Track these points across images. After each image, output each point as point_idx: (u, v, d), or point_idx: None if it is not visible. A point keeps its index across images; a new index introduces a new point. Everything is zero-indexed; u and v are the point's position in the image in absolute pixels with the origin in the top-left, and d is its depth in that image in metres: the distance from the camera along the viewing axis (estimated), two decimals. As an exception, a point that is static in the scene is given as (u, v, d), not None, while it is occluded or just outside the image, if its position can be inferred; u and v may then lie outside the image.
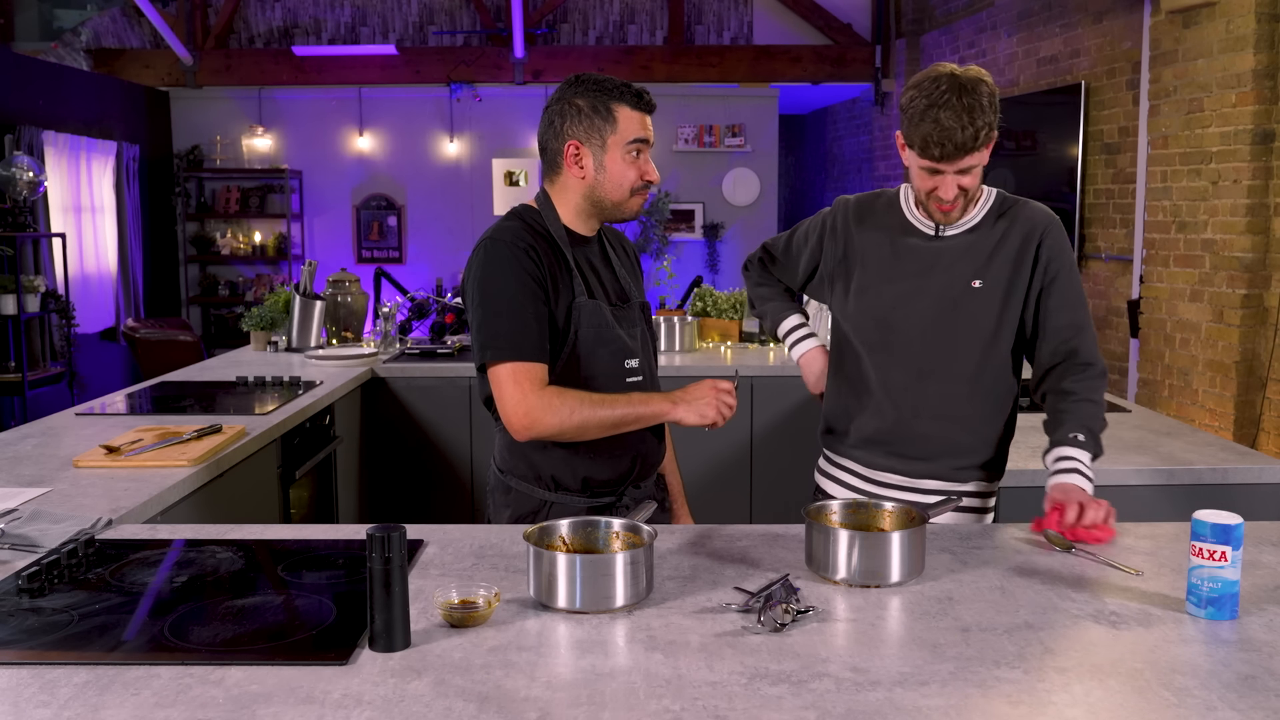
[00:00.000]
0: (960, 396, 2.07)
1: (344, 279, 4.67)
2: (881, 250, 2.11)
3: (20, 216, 6.58)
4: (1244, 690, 1.25)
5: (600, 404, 1.88)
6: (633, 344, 2.02)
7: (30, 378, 6.52)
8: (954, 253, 2.05)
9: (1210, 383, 4.78)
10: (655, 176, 1.99)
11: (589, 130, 1.94)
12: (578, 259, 1.99)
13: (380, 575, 1.34)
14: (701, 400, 1.91)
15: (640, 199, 2.00)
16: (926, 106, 1.89)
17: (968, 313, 2.04)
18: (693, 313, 4.79)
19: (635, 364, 2.01)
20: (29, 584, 1.56)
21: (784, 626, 1.41)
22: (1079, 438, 1.93)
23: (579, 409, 1.86)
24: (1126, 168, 5.66)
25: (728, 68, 8.89)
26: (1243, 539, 1.47)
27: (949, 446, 2.09)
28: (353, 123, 9.31)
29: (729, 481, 4.20)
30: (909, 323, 2.07)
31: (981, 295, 2.03)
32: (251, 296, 9.12)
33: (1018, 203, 2.08)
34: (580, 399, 1.88)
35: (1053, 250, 2.02)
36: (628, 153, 1.95)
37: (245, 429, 2.74)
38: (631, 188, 1.97)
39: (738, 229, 9.52)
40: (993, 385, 2.08)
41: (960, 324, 2.04)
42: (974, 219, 2.06)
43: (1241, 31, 4.50)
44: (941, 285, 2.05)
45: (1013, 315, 2.04)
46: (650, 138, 1.98)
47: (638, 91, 1.97)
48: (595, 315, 1.95)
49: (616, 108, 1.94)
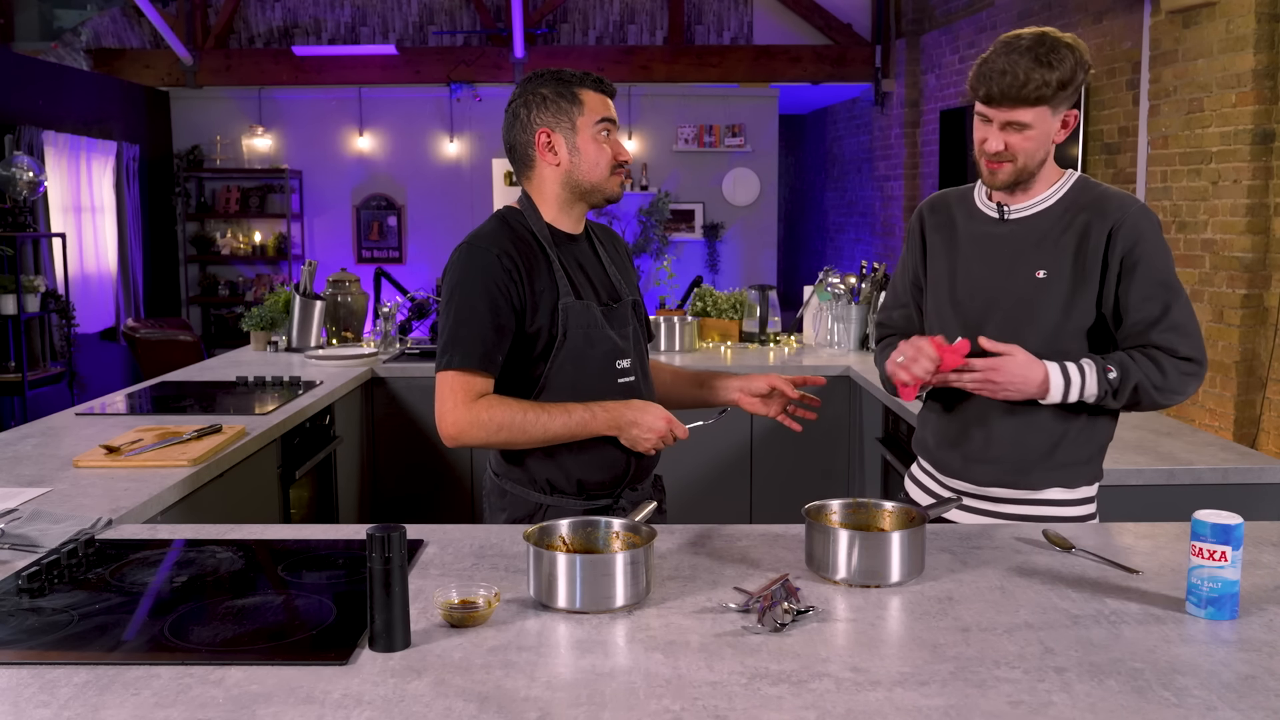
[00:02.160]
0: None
1: (344, 279, 4.67)
2: (950, 242, 2.03)
3: (20, 216, 6.59)
4: (1244, 690, 1.25)
5: (535, 419, 1.87)
6: (624, 344, 2.01)
7: (30, 378, 6.52)
8: (1021, 239, 1.94)
9: (1210, 383, 4.78)
10: (627, 155, 2.01)
11: (557, 115, 1.95)
12: (564, 258, 1.98)
13: (380, 575, 1.34)
14: (647, 434, 1.91)
15: (619, 179, 2.01)
16: (995, 50, 1.83)
17: (1032, 305, 1.91)
18: (693, 313, 4.79)
19: (627, 364, 2.00)
20: (29, 584, 1.56)
21: (784, 626, 1.41)
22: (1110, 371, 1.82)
23: (509, 424, 1.87)
24: (1126, 168, 5.66)
25: (728, 68, 8.89)
26: (1243, 539, 1.47)
27: (1019, 448, 1.96)
28: (353, 123, 9.31)
29: (729, 481, 4.20)
30: (978, 315, 1.96)
31: (1047, 287, 1.90)
32: (251, 296, 9.13)
33: (1098, 189, 1.94)
34: (512, 413, 1.87)
35: (1131, 240, 1.86)
36: (598, 133, 1.96)
37: (245, 429, 2.74)
38: (609, 166, 1.98)
39: (738, 229, 9.52)
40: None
41: (1024, 318, 1.92)
42: (1043, 201, 1.94)
43: (1241, 31, 4.50)
44: (1008, 275, 1.94)
45: (1082, 311, 1.90)
46: (615, 118, 2.01)
47: (597, 78, 2.01)
48: (584, 316, 1.94)
49: (580, 91, 1.97)
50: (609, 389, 1.97)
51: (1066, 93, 1.82)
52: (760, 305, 4.71)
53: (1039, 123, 1.84)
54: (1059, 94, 1.81)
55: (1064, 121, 1.87)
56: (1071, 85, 1.82)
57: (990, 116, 1.86)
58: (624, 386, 1.99)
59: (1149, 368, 1.85)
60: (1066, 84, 1.81)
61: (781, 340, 4.70)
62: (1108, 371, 1.85)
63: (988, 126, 1.88)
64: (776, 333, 4.72)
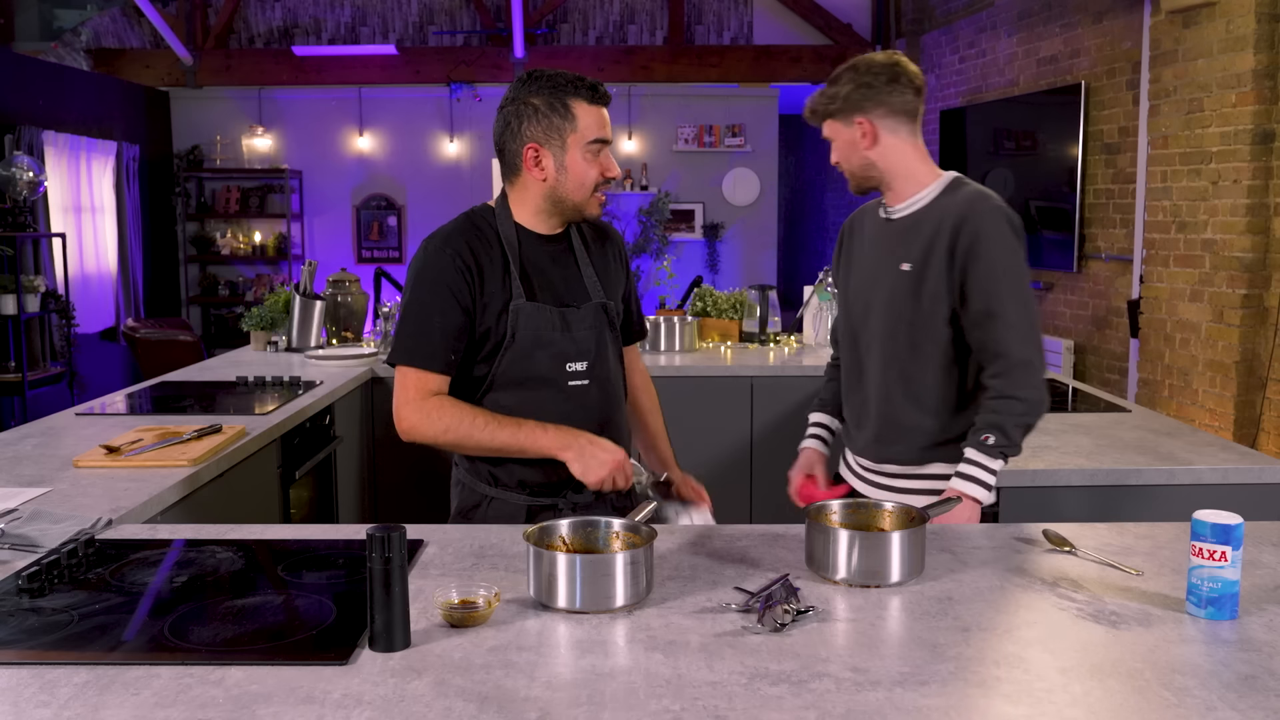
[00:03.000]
0: (895, 381, 2.10)
1: (344, 279, 4.67)
2: (858, 241, 2.23)
3: (20, 216, 6.59)
4: (1244, 690, 1.25)
5: (484, 427, 1.89)
6: (580, 347, 1.99)
7: (30, 378, 6.52)
8: (896, 236, 2.11)
9: (1210, 383, 4.78)
10: (616, 172, 1.97)
11: (548, 131, 1.91)
12: (526, 260, 1.97)
13: (380, 575, 1.34)
14: (597, 464, 1.89)
15: (600, 198, 1.98)
16: None
17: (894, 296, 2.08)
18: (693, 313, 4.79)
19: (581, 367, 1.98)
20: (29, 584, 1.56)
21: (784, 626, 1.41)
22: (988, 440, 1.96)
23: (456, 427, 1.89)
24: (1126, 168, 5.66)
25: (728, 68, 8.89)
26: (1243, 539, 1.47)
27: (898, 429, 2.12)
28: (353, 123, 9.31)
29: (729, 481, 4.20)
30: (859, 307, 2.17)
31: (906, 279, 2.06)
32: (251, 296, 9.13)
33: (964, 189, 2.08)
34: (462, 417, 1.89)
35: (973, 235, 1.99)
36: (589, 151, 1.92)
37: (245, 429, 2.74)
38: (594, 185, 1.95)
39: (738, 229, 9.52)
40: (920, 370, 2.08)
41: (894, 311, 2.08)
42: (918, 201, 2.09)
43: (1241, 31, 4.50)
44: (882, 268, 2.11)
45: (930, 301, 2.03)
46: (609, 136, 1.95)
47: (592, 84, 1.93)
48: (534, 318, 1.94)
49: (574, 104, 1.91)
50: (557, 391, 1.97)
51: (838, 105, 2.06)
52: (760, 305, 4.71)
53: (834, 134, 2.10)
54: (829, 108, 2.08)
55: (861, 131, 2.06)
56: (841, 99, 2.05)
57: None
58: (574, 389, 1.98)
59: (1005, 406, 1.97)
60: (836, 98, 2.06)
61: (781, 340, 4.70)
62: (986, 441, 1.97)
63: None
64: (776, 333, 4.72)
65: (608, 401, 2.04)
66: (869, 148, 2.08)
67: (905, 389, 2.10)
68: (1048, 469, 2.41)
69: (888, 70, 2.05)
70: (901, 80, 2.05)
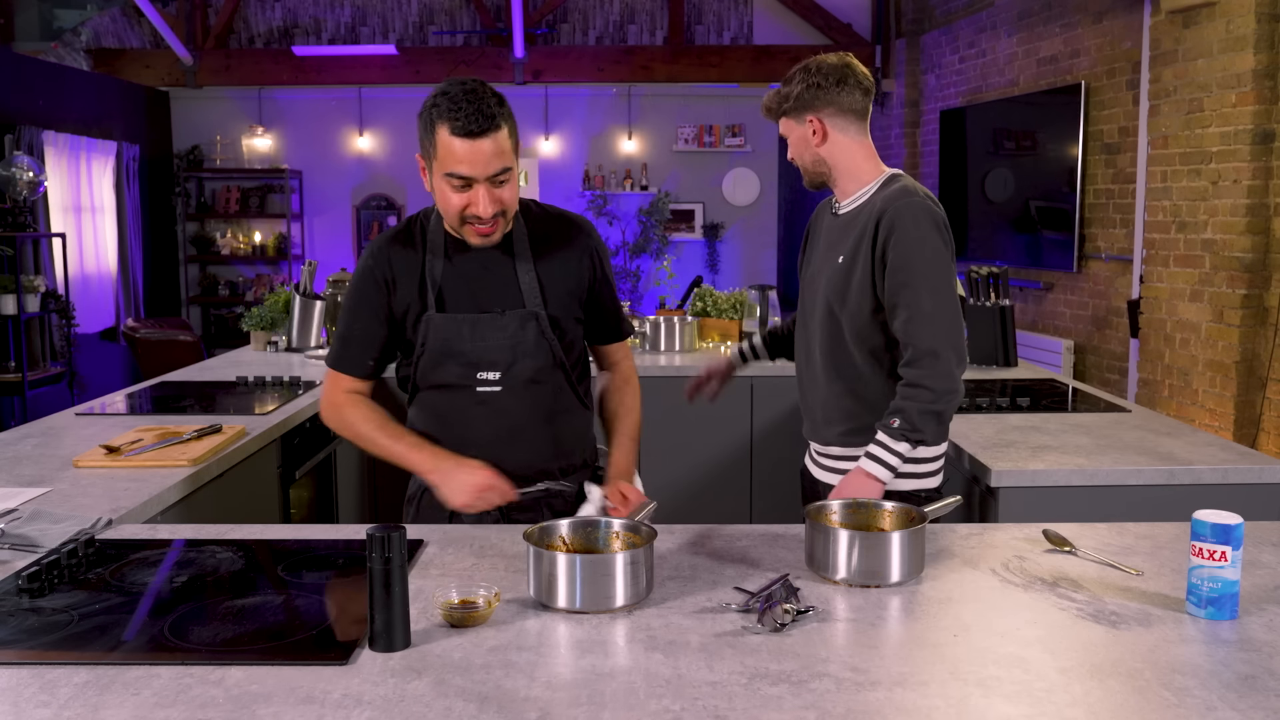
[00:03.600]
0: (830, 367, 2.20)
1: (344, 279, 4.67)
2: (814, 235, 2.34)
3: (20, 216, 6.58)
4: (1244, 690, 1.25)
5: (372, 434, 2.01)
6: (492, 356, 1.95)
7: (30, 378, 6.52)
8: (838, 231, 2.21)
9: (1210, 383, 4.78)
10: (480, 211, 1.81)
11: (423, 147, 1.86)
12: (450, 267, 1.96)
13: (380, 575, 1.34)
14: (459, 487, 1.89)
15: (472, 231, 1.86)
16: None
17: (836, 288, 2.17)
18: (693, 313, 4.79)
19: (494, 375, 1.96)
20: (29, 584, 1.56)
21: (784, 626, 1.41)
22: (893, 423, 2.03)
23: (353, 428, 2.03)
24: (1126, 168, 5.66)
25: (728, 68, 8.89)
26: (1243, 539, 1.47)
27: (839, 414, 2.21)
28: (353, 123, 9.31)
29: (729, 481, 4.20)
30: (805, 297, 2.30)
31: (843, 271, 2.15)
32: (251, 296, 9.13)
33: (896, 184, 2.15)
34: (364, 423, 2.02)
35: (889, 229, 2.07)
36: (447, 182, 1.81)
37: (245, 429, 2.74)
38: (459, 215, 1.84)
39: (738, 229, 9.52)
40: (851, 357, 2.17)
41: (834, 301, 2.17)
42: (860, 197, 2.19)
43: (1241, 31, 4.50)
44: (825, 262, 2.22)
45: (857, 292, 2.12)
46: (470, 174, 1.78)
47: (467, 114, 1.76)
48: (442, 329, 1.95)
49: (439, 129, 1.79)
50: (466, 399, 1.98)
51: (790, 104, 2.16)
52: (760, 305, 4.71)
53: (788, 131, 2.21)
54: (782, 107, 2.18)
55: (812, 129, 2.16)
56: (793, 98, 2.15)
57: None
58: (482, 396, 1.97)
59: (913, 394, 2.04)
60: (789, 97, 2.16)
61: (781, 340, 4.70)
62: (891, 424, 2.03)
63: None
64: (776, 333, 4.72)
65: (526, 409, 1.98)
66: (819, 144, 2.18)
67: (839, 376, 2.20)
68: (1048, 469, 2.41)
69: (837, 71, 2.15)
70: (850, 81, 2.15)
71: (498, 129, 1.80)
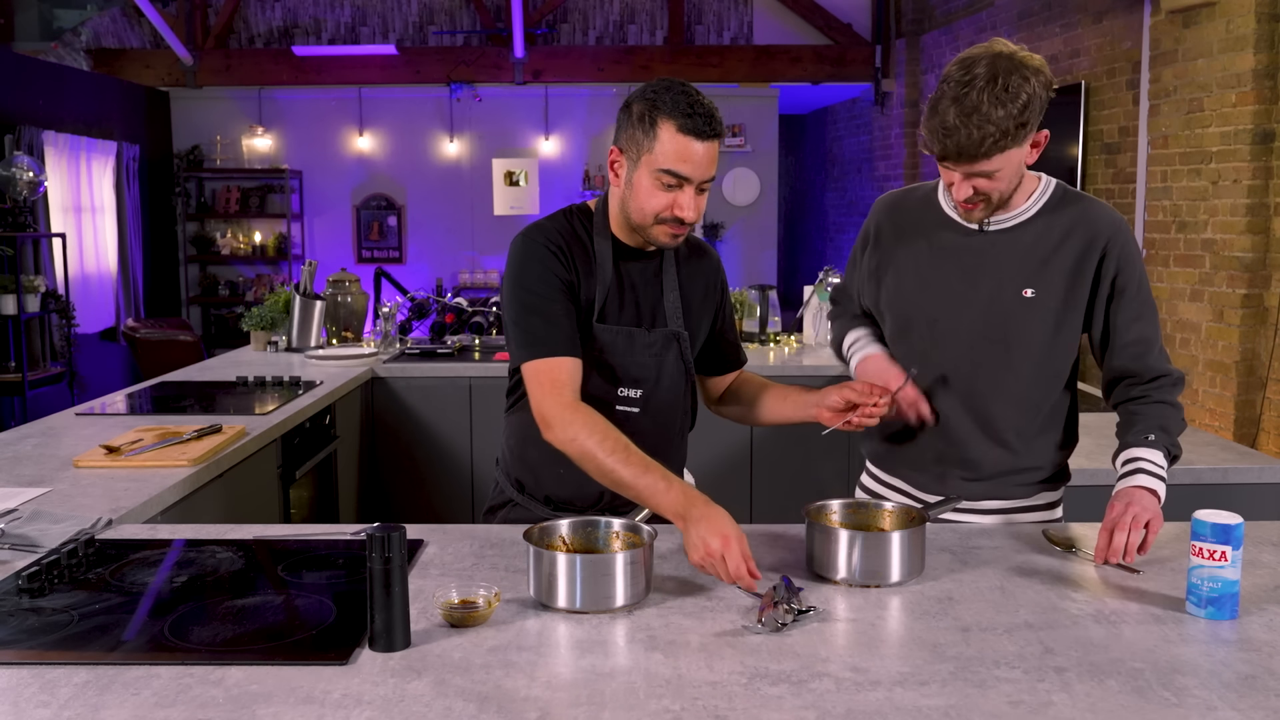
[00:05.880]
0: (1011, 414, 1.89)
1: (344, 279, 4.67)
2: (914, 249, 1.93)
3: (20, 216, 6.59)
4: (1244, 690, 1.25)
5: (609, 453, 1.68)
6: (637, 374, 1.88)
7: (30, 378, 6.52)
8: (1002, 254, 1.85)
9: (1210, 383, 4.78)
10: (687, 215, 1.77)
11: (631, 139, 1.78)
12: (619, 274, 1.87)
13: (380, 575, 1.34)
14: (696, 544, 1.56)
15: (665, 231, 1.80)
16: (940, 95, 1.70)
17: (1019, 325, 1.84)
18: (693, 313, 4.78)
19: (635, 394, 1.88)
20: (29, 584, 1.56)
21: (784, 626, 1.41)
22: (1150, 437, 1.78)
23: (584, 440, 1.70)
24: (1126, 168, 5.66)
25: (728, 68, 8.89)
26: (1243, 539, 1.47)
27: (1005, 466, 1.92)
28: (353, 123, 9.31)
29: (729, 481, 4.19)
30: (955, 336, 1.88)
31: (1034, 306, 1.83)
32: (251, 296, 9.12)
33: (1081, 201, 1.87)
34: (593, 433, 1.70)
35: (1121, 260, 1.83)
36: (658, 179, 1.75)
37: (245, 429, 2.74)
38: (655, 215, 1.78)
39: (738, 229, 9.52)
40: (1043, 401, 1.90)
41: (1011, 338, 1.85)
42: (1023, 213, 1.86)
43: (1241, 31, 4.50)
44: (990, 292, 1.85)
45: (1070, 331, 1.86)
46: (689, 174, 1.75)
47: (703, 115, 1.74)
48: (601, 338, 1.85)
49: (662, 124, 1.74)
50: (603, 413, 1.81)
51: (1027, 129, 1.70)
52: (760, 305, 4.71)
53: (1005, 164, 1.73)
54: (1019, 133, 1.69)
55: (1034, 143, 1.76)
56: (1030, 121, 1.70)
57: (949, 169, 1.76)
58: (622, 414, 1.87)
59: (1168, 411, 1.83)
60: (1025, 123, 1.69)
61: (781, 340, 4.70)
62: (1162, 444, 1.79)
63: (951, 174, 1.77)
64: (776, 333, 4.72)
65: (657, 433, 1.91)
66: (1032, 162, 1.80)
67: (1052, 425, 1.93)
68: (1048, 469, 2.40)
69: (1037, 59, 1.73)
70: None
71: (719, 136, 1.78)
